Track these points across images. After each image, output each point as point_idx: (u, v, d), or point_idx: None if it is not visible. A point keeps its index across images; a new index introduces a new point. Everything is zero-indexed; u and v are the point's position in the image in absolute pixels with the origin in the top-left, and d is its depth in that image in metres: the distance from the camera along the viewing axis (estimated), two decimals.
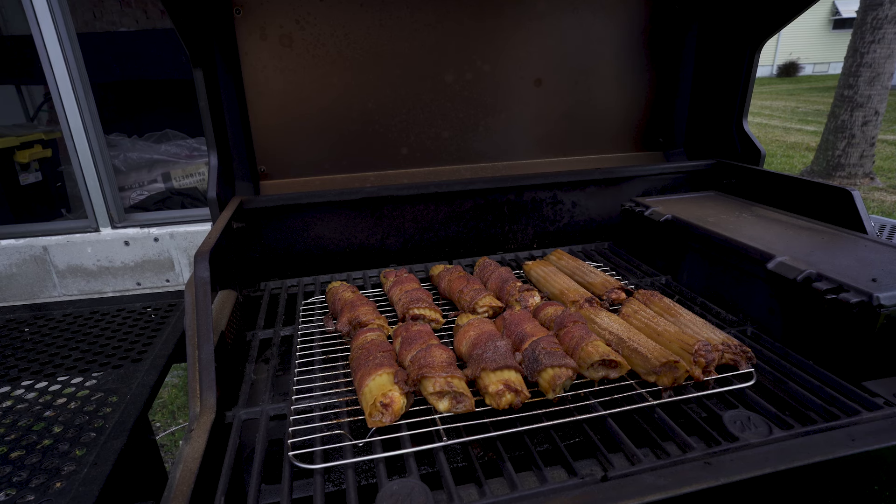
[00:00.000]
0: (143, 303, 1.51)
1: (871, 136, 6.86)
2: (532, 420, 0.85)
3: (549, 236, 1.74)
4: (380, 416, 0.84)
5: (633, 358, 0.94)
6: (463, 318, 1.13)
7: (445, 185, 1.59)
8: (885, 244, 1.14)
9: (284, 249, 1.55)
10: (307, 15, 1.45)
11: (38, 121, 5.04)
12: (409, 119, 1.61)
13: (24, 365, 1.20)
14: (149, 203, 4.37)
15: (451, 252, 1.67)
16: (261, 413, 0.91)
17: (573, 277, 1.36)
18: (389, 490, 0.71)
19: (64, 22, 3.45)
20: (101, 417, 0.99)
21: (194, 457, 0.72)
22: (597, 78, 1.70)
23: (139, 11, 5.23)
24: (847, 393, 0.88)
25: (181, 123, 5.00)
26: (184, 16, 1.19)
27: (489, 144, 1.70)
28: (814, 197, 1.39)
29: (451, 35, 1.56)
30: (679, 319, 1.08)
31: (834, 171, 7.08)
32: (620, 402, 0.89)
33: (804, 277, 1.01)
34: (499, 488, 0.73)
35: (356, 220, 1.57)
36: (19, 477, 0.85)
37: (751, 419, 0.82)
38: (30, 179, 4.36)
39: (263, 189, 1.57)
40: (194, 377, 0.86)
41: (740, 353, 0.95)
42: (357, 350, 1.00)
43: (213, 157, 1.36)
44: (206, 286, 0.95)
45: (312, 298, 1.38)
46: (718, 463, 0.71)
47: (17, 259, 3.83)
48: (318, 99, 1.53)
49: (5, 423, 0.99)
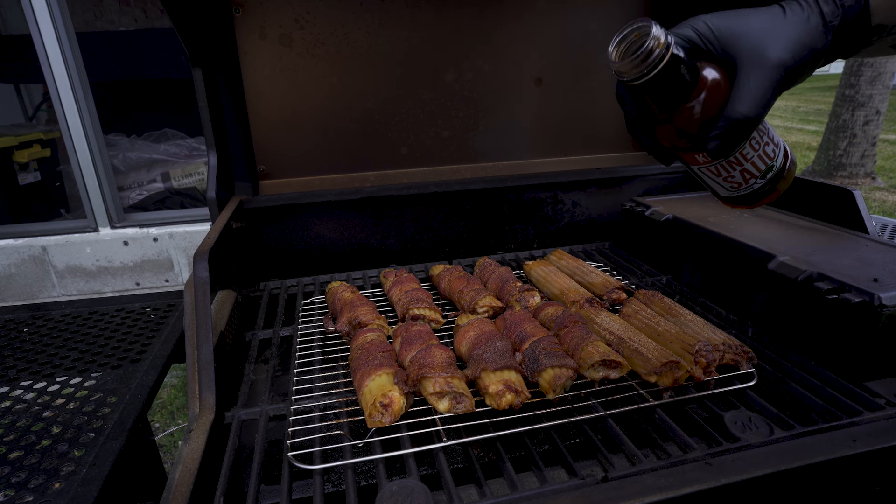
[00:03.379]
0: (142, 303, 1.50)
1: (872, 136, 6.86)
2: (532, 420, 0.85)
3: (550, 236, 1.74)
4: (379, 416, 0.84)
5: (633, 358, 0.94)
6: (463, 318, 1.12)
7: (445, 185, 1.59)
8: (887, 244, 1.14)
9: (284, 249, 1.54)
10: (307, 14, 1.45)
11: (37, 120, 5.03)
12: (409, 119, 1.61)
13: (23, 365, 1.20)
14: (148, 203, 4.37)
15: (451, 252, 1.67)
16: (260, 413, 0.91)
17: (573, 277, 1.36)
18: (389, 490, 0.70)
19: (63, 21, 3.45)
20: (100, 418, 0.99)
21: (193, 457, 0.72)
22: (597, 77, 1.70)
23: (138, 10, 5.22)
24: (848, 393, 0.88)
25: (180, 123, 5.00)
26: (183, 15, 1.19)
27: (489, 144, 1.70)
28: (815, 197, 1.38)
29: (451, 34, 1.56)
30: (680, 319, 1.07)
31: (835, 170, 7.08)
32: (621, 403, 0.89)
33: (805, 277, 1.01)
34: (499, 489, 0.73)
35: (356, 220, 1.56)
36: (18, 477, 0.85)
37: (752, 419, 0.82)
38: (28, 179, 4.35)
39: (263, 189, 1.57)
40: (193, 377, 0.86)
41: (741, 354, 0.95)
42: (357, 350, 1.00)
43: (212, 157, 1.36)
44: (205, 286, 0.94)
45: (312, 298, 1.38)
46: (719, 463, 0.70)
47: (16, 259, 3.83)
48: (317, 98, 1.53)
49: (4, 423, 0.99)
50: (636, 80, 0.67)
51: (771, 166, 0.78)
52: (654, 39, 0.64)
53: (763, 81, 0.67)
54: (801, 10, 0.69)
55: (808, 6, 0.69)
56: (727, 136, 0.70)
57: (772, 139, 0.78)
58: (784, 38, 0.67)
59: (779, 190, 0.82)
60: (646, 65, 0.65)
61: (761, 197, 0.82)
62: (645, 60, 0.65)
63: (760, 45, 0.68)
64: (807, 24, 0.68)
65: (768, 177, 0.79)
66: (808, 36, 0.68)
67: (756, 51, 0.68)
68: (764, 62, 0.67)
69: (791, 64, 0.67)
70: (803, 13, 0.69)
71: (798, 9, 0.69)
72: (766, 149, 0.77)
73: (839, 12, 0.68)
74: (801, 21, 0.68)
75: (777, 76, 0.67)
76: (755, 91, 0.67)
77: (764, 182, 0.80)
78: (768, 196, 0.82)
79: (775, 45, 0.67)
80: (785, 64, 0.67)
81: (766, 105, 0.68)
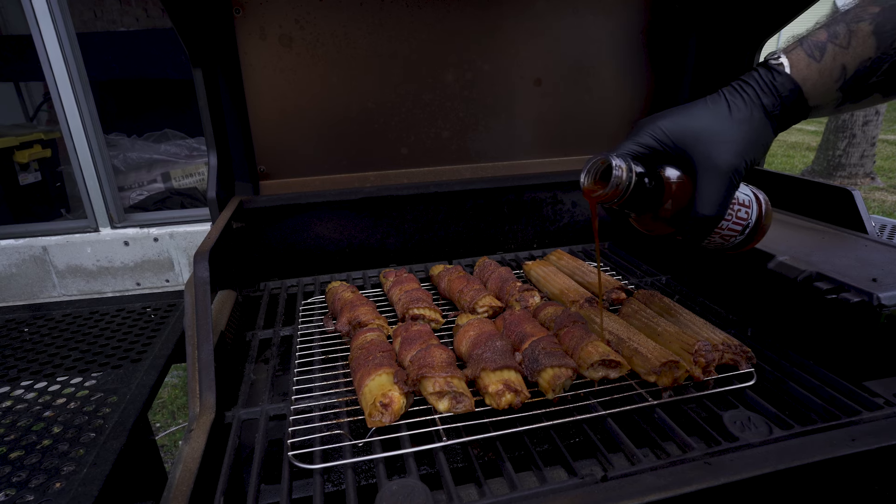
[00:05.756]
0: (142, 303, 1.51)
1: (871, 136, 6.85)
2: (532, 420, 0.85)
3: (549, 236, 1.74)
4: (379, 416, 0.84)
5: (633, 358, 0.94)
6: (463, 318, 1.13)
7: (445, 185, 1.59)
8: (886, 244, 1.14)
9: (284, 249, 1.54)
10: (307, 15, 1.45)
11: (38, 121, 5.04)
12: (409, 119, 1.61)
13: (24, 365, 1.20)
14: (148, 203, 4.37)
15: (451, 252, 1.67)
16: (260, 413, 0.91)
17: (573, 277, 1.36)
18: (389, 490, 0.71)
19: (63, 21, 3.45)
20: (101, 417, 0.99)
21: (194, 457, 0.72)
22: (597, 77, 1.70)
23: (139, 10, 5.22)
24: (847, 393, 0.88)
25: (181, 123, 5.00)
26: (183, 15, 1.19)
27: (489, 144, 1.70)
28: (814, 197, 1.39)
29: (451, 35, 1.56)
30: (679, 319, 1.07)
31: (834, 170, 7.07)
32: (620, 402, 0.89)
33: (805, 277, 1.01)
34: (498, 488, 0.73)
35: (356, 220, 1.56)
36: (19, 477, 0.85)
37: (751, 419, 0.82)
38: (29, 179, 4.36)
39: (263, 189, 1.57)
40: (194, 377, 0.86)
41: (740, 353, 0.95)
42: (357, 350, 1.00)
43: (212, 157, 1.36)
44: (205, 286, 0.95)
45: (312, 298, 1.38)
46: (718, 463, 0.71)
47: (17, 259, 3.83)
48: (317, 99, 1.53)
49: (5, 423, 0.99)
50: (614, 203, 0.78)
51: (747, 225, 0.87)
52: (618, 170, 0.74)
53: (718, 187, 0.74)
54: (744, 105, 0.74)
55: (750, 100, 0.75)
56: (695, 231, 0.78)
57: (743, 204, 0.86)
58: (731, 142, 0.74)
59: (764, 228, 0.90)
60: (618, 191, 0.75)
61: (747, 244, 0.91)
62: (616, 188, 0.75)
63: (712, 151, 0.74)
64: (750, 120, 0.74)
65: (747, 232, 0.88)
66: (753, 133, 0.74)
67: (709, 158, 0.74)
68: (717, 169, 0.74)
69: (742, 166, 0.74)
70: (746, 108, 0.74)
71: (742, 104, 0.75)
72: (738, 215, 0.85)
73: (778, 102, 0.74)
74: (745, 119, 0.74)
75: (729, 180, 0.74)
76: (713, 196, 0.75)
77: (744, 236, 0.89)
78: (755, 240, 0.90)
79: (725, 151, 0.73)
80: (736, 168, 0.74)
81: (725, 204, 0.76)
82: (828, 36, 0.74)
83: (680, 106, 0.79)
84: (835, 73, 0.73)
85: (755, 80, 0.76)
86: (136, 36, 5.22)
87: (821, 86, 0.74)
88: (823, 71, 0.73)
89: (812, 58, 0.74)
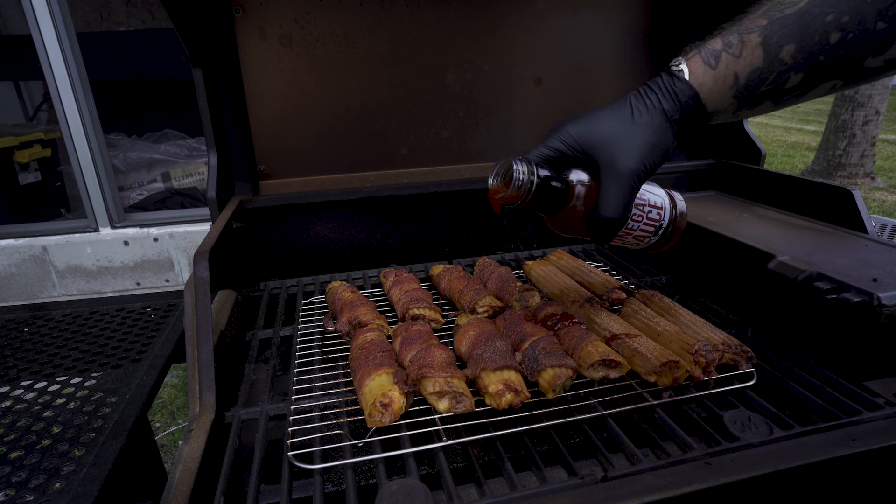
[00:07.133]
0: (142, 303, 1.51)
1: (871, 136, 6.86)
2: (532, 420, 0.85)
3: (550, 236, 1.74)
4: (379, 416, 0.84)
5: (633, 358, 0.94)
6: (463, 318, 1.12)
7: (445, 185, 1.59)
8: (886, 244, 1.14)
9: (284, 249, 1.54)
10: (307, 15, 1.45)
11: (38, 120, 5.04)
12: (409, 119, 1.61)
13: (24, 365, 1.20)
14: (148, 203, 4.37)
15: (451, 252, 1.67)
16: (260, 413, 0.91)
17: (573, 277, 1.36)
18: (389, 490, 0.71)
19: (63, 22, 3.45)
20: (101, 417, 0.99)
21: (193, 457, 0.72)
22: (596, 77, 1.70)
23: (145, 13, 5.22)
24: (847, 393, 0.88)
25: (181, 123, 5.00)
26: (183, 16, 1.19)
27: (489, 144, 1.70)
28: (814, 197, 1.39)
29: (450, 34, 1.56)
30: (679, 319, 1.07)
31: (835, 170, 7.08)
32: (620, 402, 0.89)
33: (805, 277, 1.01)
34: (498, 488, 0.73)
35: (356, 219, 1.56)
36: (18, 477, 0.85)
37: (751, 419, 0.82)
38: (29, 179, 4.36)
39: (263, 189, 1.57)
40: (194, 377, 0.86)
41: (741, 353, 0.95)
42: (357, 350, 1.00)
43: (212, 157, 1.36)
44: (205, 286, 0.95)
45: (312, 298, 1.38)
46: (719, 463, 0.70)
47: (17, 259, 3.83)
48: (317, 99, 1.53)
49: (4, 423, 0.99)
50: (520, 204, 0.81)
51: (659, 226, 0.90)
52: (518, 173, 0.78)
53: (619, 190, 0.78)
54: (646, 110, 0.77)
55: (652, 105, 0.77)
56: (601, 232, 0.82)
57: (654, 205, 0.88)
58: (632, 146, 0.77)
59: (679, 229, 0.93)
60: (520, 193, 0.79)
61: (663, 245, 0.94)
62: (518, 190, 0.78)
63: (614, 155, 0.77)
64: (651, 125, 0.76)
65: (660, 233, 0.91)
66: (654, 137, 0.77)
67: (611, 162, 0.78)
68: (618, 172, 0.77)
69: (641, 170, 0.77)
70: (648, 114, 0.77)
71: (644, 109, 0.78)
72: (649, 216, 0.88)
73: (678, 107, 0.77)
74: (646, 124, 0.77)
75: (630, 183, 0.77)
76: (614, 198, 0.78)
77: (658, 237, 0.92)
78: (671, 240, 0.94)
79: (626, 154, 0.77)
80: (636, 171, 0.77)
81: (627, 206, 0.79)
82: (723, 45, 0.76)
83: (590, 110, 0.82)
84: (728, 80, 0.75)
85: (658, 86, 0.78)
86: (136, 36, 5.22)
87: (716, 93, 0.76)
88: (718, 78, 0.75)
89: (708, 65, 0.76)
